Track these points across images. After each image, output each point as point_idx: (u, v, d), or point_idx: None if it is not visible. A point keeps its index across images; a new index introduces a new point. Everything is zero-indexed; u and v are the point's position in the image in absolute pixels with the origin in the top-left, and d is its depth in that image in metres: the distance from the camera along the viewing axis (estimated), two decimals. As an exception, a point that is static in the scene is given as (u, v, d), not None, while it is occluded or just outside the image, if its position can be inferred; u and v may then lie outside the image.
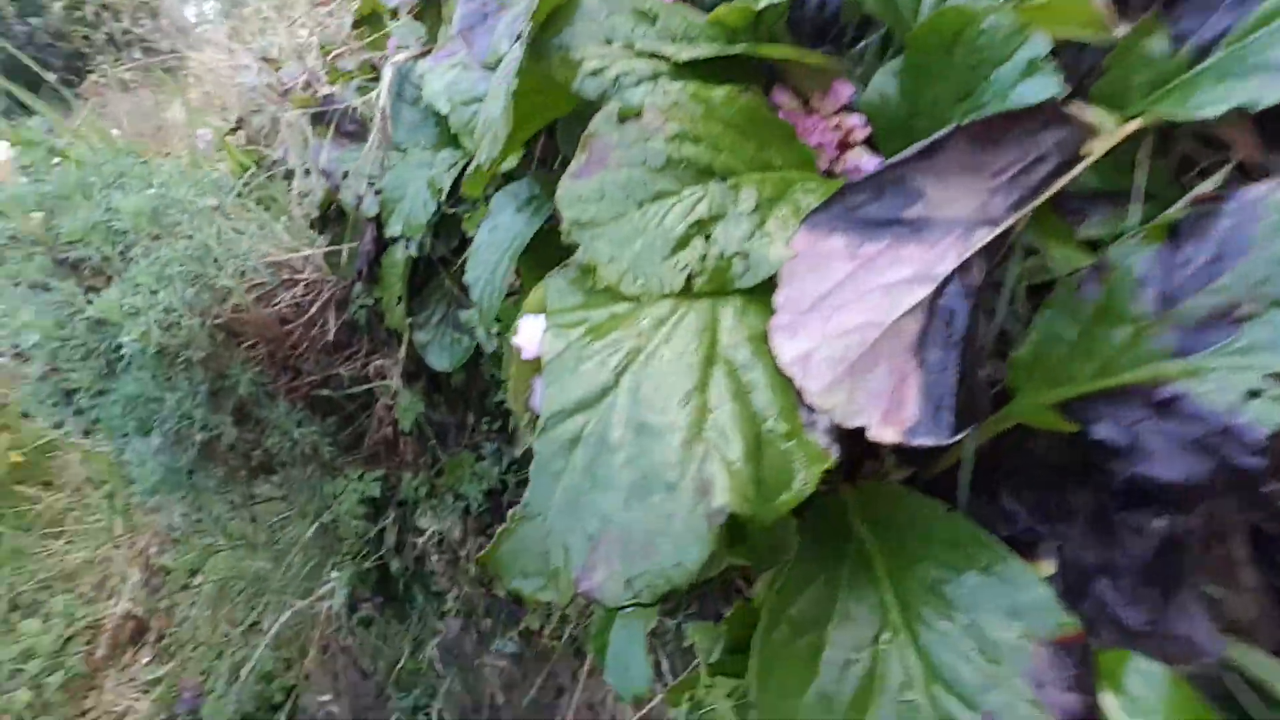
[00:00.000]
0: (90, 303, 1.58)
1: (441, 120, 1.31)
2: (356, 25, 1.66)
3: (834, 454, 0.45)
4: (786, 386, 0.48)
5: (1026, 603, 0.46)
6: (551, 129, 0.92)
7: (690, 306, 0.53)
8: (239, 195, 1.80)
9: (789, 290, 0.50)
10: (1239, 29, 0.48)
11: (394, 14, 1.53)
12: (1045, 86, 0.49)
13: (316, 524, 2.07)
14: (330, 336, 1.85)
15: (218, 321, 1.59)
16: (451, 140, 1.30)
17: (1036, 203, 0.46)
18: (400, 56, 1.40)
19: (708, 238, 0.54)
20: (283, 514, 2.15)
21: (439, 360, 1.68)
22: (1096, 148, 0.48)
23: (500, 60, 0.72)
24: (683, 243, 0.54)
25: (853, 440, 0.46)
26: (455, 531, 1.82)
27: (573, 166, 0.56)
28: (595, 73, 0.59)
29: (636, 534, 0.43)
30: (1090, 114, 0.48)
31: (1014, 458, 0.53)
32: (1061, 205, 0.54)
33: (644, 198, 0.55)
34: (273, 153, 1.98)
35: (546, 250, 0.83)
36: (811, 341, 0.48)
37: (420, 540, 1.96)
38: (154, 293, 1.55)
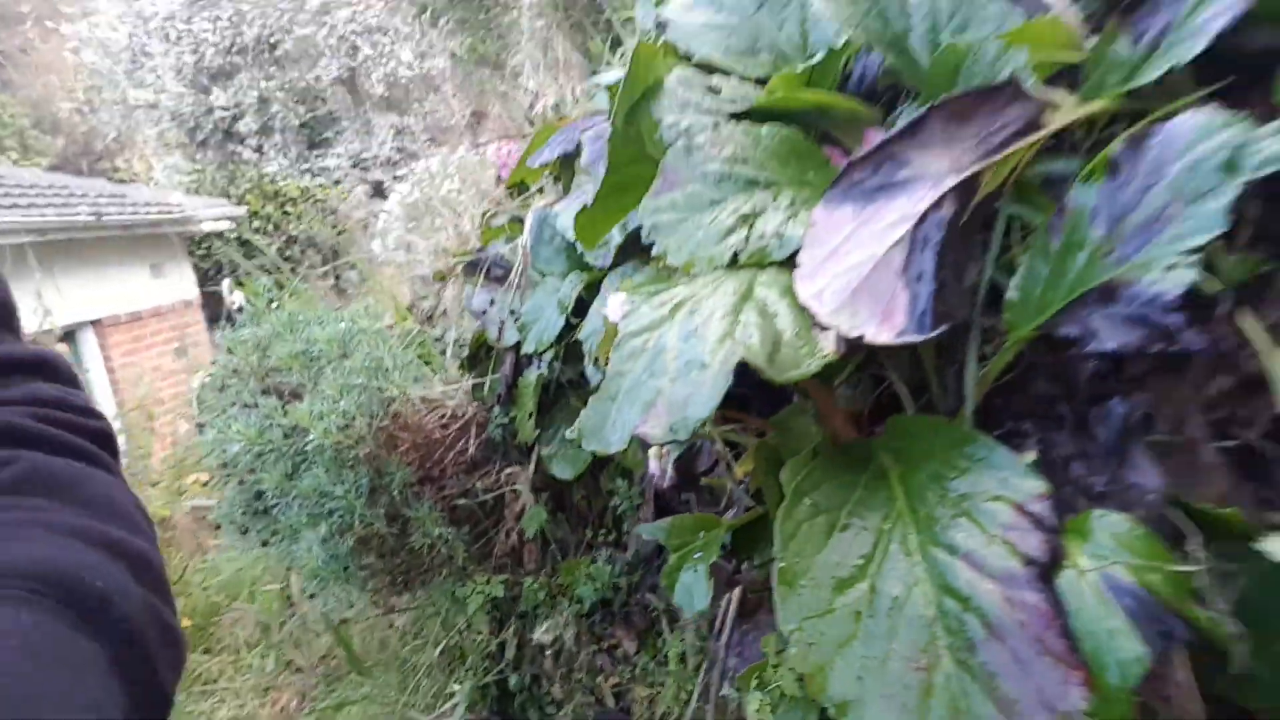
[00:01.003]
0: (285, 414, 1.90)
1: (571, 249, 1.56)
2: (509, 189, 2.01)
3: (836, 349, 0.56)
4: (804, 316, 0.61)
5: (1008, 479, 0.53)
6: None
7: (734, 274, 0.67)
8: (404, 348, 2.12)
9: (809, 251, 0.64)
10: (1178, 18, 0.60)
11: (538, 173, 1.87)
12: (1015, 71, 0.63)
13: (446, 637, 2.19)
14: (470, 452, 2.07)
15: (382, 425, 1.85)
16: (580, 264, 1.54)
17: (1000, 153, 0.59)
18: (540, 204, 1.70)
19: (751, 226, 0.69)
20: (417, 624, 2.29)
21: (562, 470, 1.84)
22: (1056, 120, 0.60)
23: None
24: (731, 231, 0.69)
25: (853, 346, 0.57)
26: (569, 637, 1.88)
27: (652, 189, 0.74)
28: (671, 125, 0.79)
29: (678, 398, 0.55)
30: (1050, 93, 0.61)
31: (1015, 390, 0.61)
32: (1049, 188, 0.65)
33: (703, 205, 0.72)
34: (434, 329, 2.33)
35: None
36: (825, 280, 0.61)
37: (537, 654, 2.02)
38: (336, 401, 1.84)
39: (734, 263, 0.68)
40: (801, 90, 0.80)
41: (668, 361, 0.58)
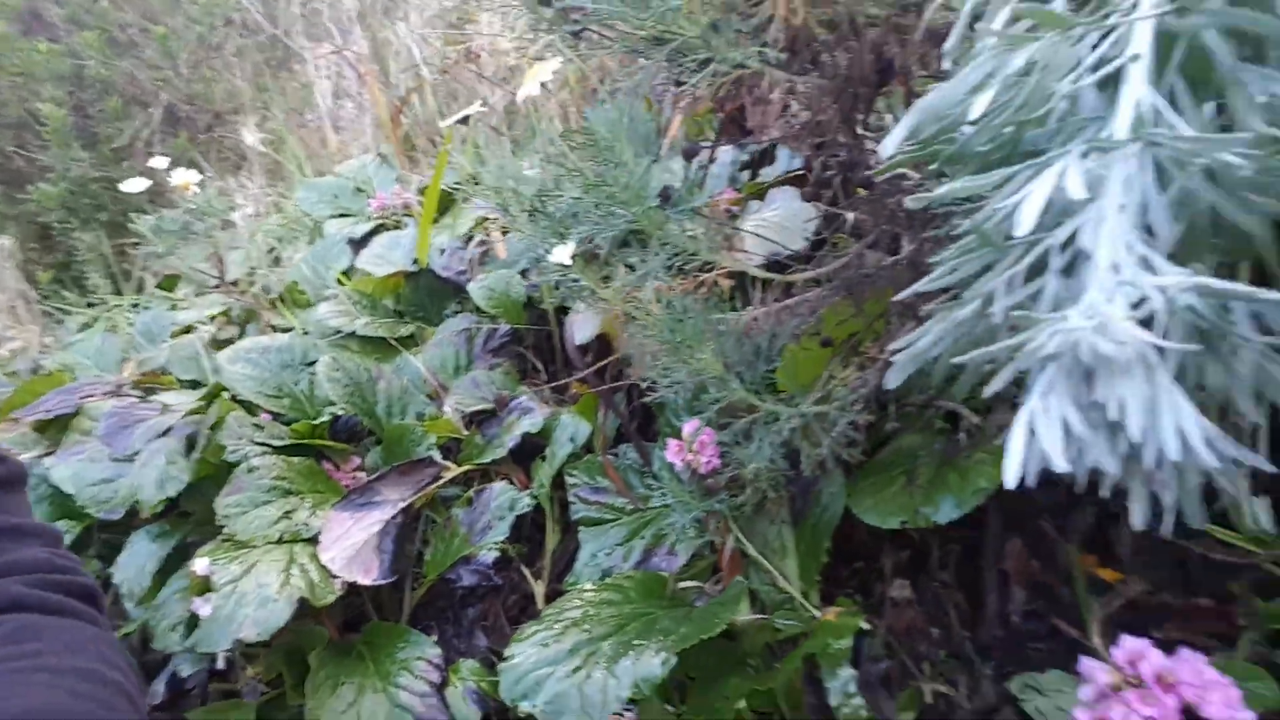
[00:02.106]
0: None
1: (65, 498, 1.74)
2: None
3: (338, 588, 1.13)
4: (324, 571, 1.16)
5: (424, 648, 1.15)
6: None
7: (280, 546, 1.19)
8: None
9: (326, 535, 1.20)
10: (500, 430, 1.38)
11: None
12: (430, 448, 1.32)
13: None
14: None
15: None
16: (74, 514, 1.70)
17: (422, 490, 1.26)
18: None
19: (290, 517, 1.22)
20: None
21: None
22: (448, 474, 1.31)
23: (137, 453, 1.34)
24: (277, 521, 1.21)
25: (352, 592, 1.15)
26: None
27: (225, 491, 1.22)
28: (233, 450, 1.28)
29: (261, 618, 1.04)
30: (445, 462, 1.32)
31: (428, 604, 1.25)
32: (444, 504, 1.35)
33: (259, 503, 1.22)
34: None
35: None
36: (336, 551, 1.17)
37: None
38: None
39: (279, 540, 1.19)
40: (313, 436, 1.38)
41: (250, 598, 1.06)
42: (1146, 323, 0.36)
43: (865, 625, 0.98)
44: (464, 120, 2.07)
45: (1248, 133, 0.43)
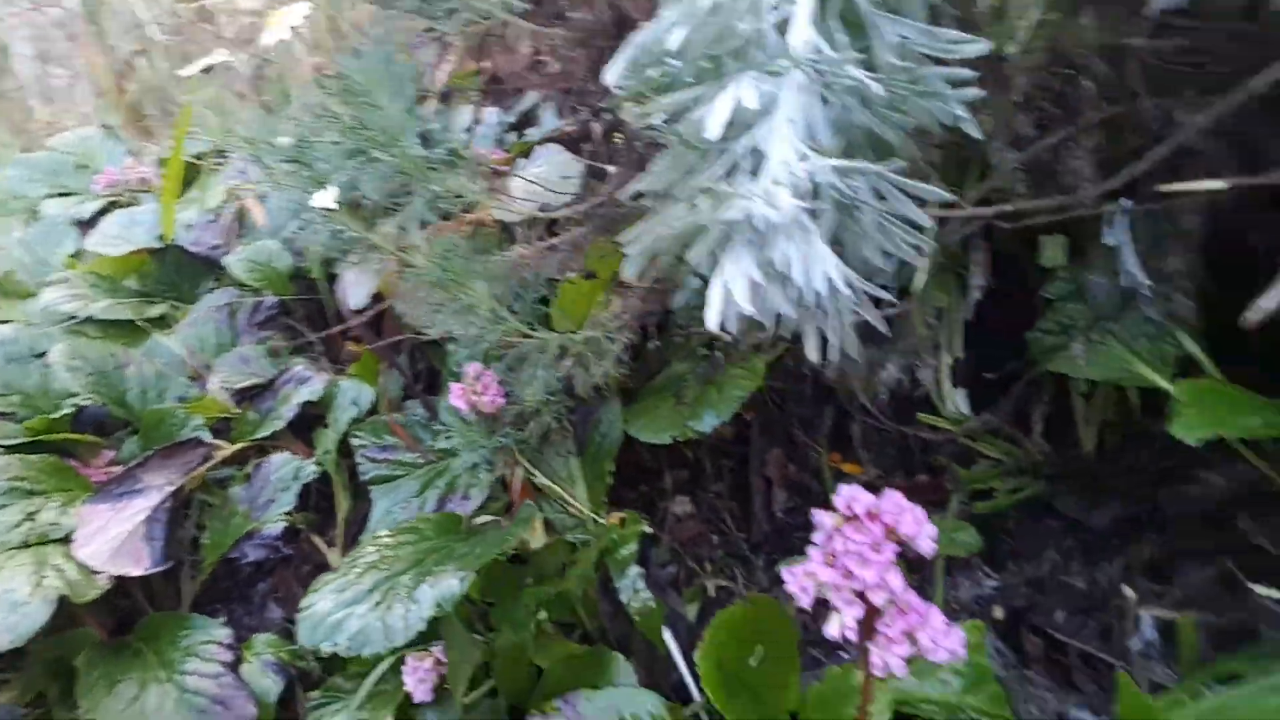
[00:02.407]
0: None
1: None
2: None
3: (103, 583, 1.05)
4: (84, 569, 1.07)
5: (211, 631, 1.10)
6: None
7: (26, 551, 1.08)
8: None
9: (82, 530, 1.10)
10: (274, 405, 1.33)
11: None
12: (196, 429, 1.25)
13: None
14: None
15: None
16: None
17: (192, 473, 1.19)
18: None
19: (34, 519, 1.11)
20: None
21: None
22: (220, 455, 1.24)
23: None
24: (18, 525, 1.10)
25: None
26: None
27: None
28: (-48, 454, 1.13)
29: (12, 623, 0.94)
30: (217, 440, 1.25)
31: (213, 586, 1.19)
32: (219, 485, 1.28)
33: None
34: None
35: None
36: (95, 546, 1.08)
37: None
38: None
39: (25, 545, 1.08)
40: (53, 431, 1.25)
41: None
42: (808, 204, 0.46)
43: (648, 529, 1.09)
44: (206, 71, 1.90)
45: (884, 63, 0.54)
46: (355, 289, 1.38)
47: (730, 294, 0.46)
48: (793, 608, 0.91)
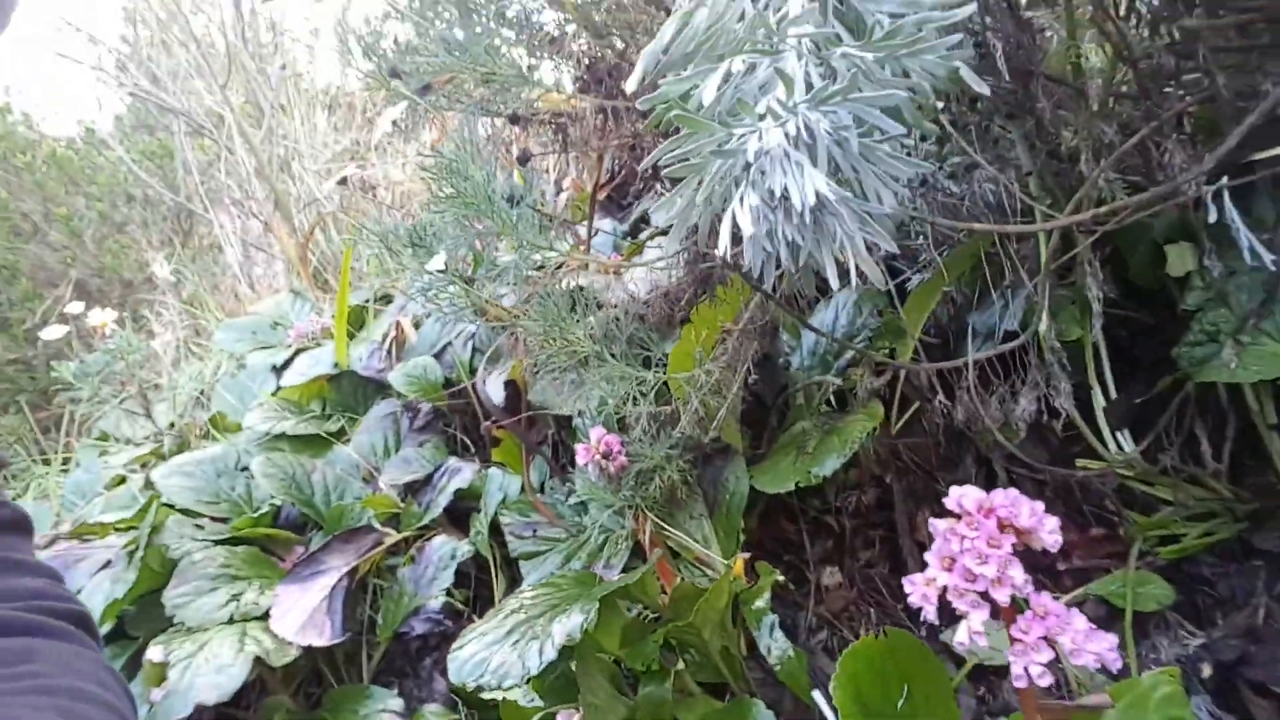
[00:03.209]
0: None
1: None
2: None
3: (294, 652, 1.17)
4: (278, 640, 1.20)
5: (388, 701, 1.19)
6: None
7: (231, 626, 1.23)
8: None
9: (277, 608, 1.25)
10: (433, 496, 1.46)
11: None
12: (369, 520, 1.39)
13: None
14: None
15: None
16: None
17: (366, 555, 1.32)
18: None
19: (239, 600, 1.27)
20: None
21: None
22: (389, 540, 1.37)
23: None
24: (225, 604, 1.26)
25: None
26: None
27: (170, 585, 1.26)
28: (175, 548, 1.33)
29: (219, 682, 1.07)
30: (386, 529, 1.39)
31: (390, 661, 1.30)
32: (390, 571, 1.41)
33: (205, 591, 1.27)
34: None
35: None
36: (289, 619, 1.22)
37: None
38: None
39: (230, 620, 1.24)
40: (255, 527, 1.44)
41: (205, 668, 1.10)
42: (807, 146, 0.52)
43: (786, 583, 1.08)
44: (343, 182, 2.22)
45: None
46: (494, 385, 1.52)
47: (737, 224, 0.51)
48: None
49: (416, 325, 1.92)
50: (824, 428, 1.27)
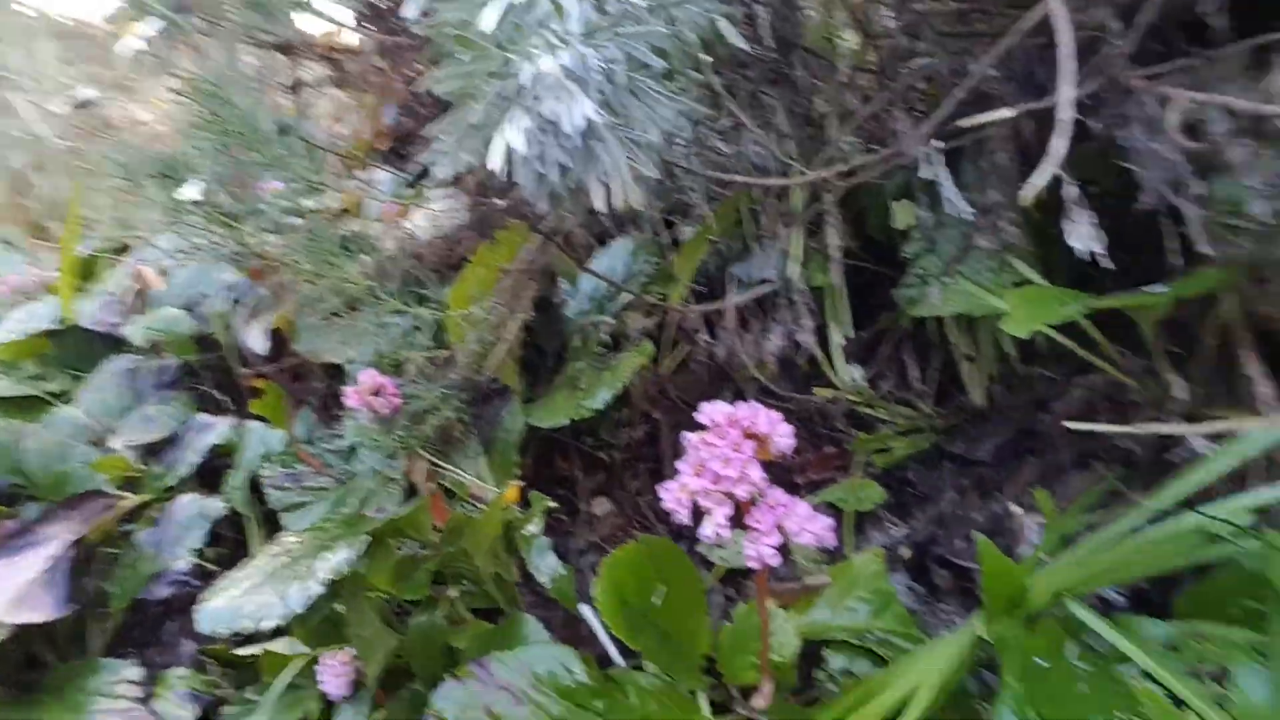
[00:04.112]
0: None
1: None
2: None
3: (2, 635, 1.02)
4: None
5: (118, 670, 1.07)
6: None
7: None
8: None
9: None
10: (180, 457, 1.33)
11: None
12: (98, 485, 1.24)
13: None
14: None
15: None
16: None
17: (95, 522, 1.18)
18: None
19: None
20: None
21: None
22: (124, 505, 1.23)
23: None
24: None
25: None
26: None
27: None
28: None
29: None
30: (122, 493, 1.25)
31: (129, 632, 1.17)
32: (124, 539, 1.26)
33: None
34: None
35: None
36: None
37: None
38: None
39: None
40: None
41: None
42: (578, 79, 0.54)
43: (552, 504, 1.11)
44: (83, 106, 1.94)
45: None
46: (255, 334, 1.41)
47: (511, 147, 0.53)
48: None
49: (163, 274, 1.72)
50: (598, 367, 1.31)
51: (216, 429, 1.35)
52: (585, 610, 1.07)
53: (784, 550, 0.80)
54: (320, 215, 0.94)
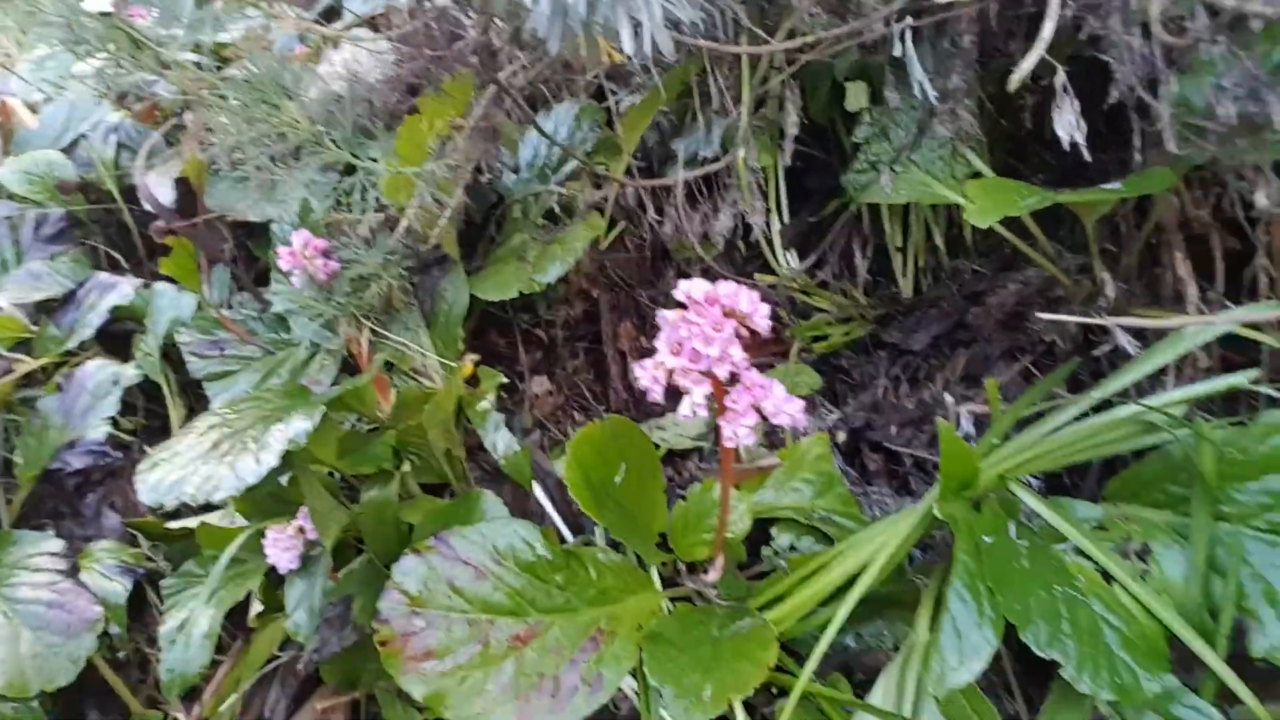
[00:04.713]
0: None
1: None
2: None
3: None
4: None
5: (39, 543, 1.01)
6: None
7: None
8: None
9: None
10: (79, 317, 1.21)
11: None
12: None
13: None
14: None
15: None
16: None
17: None
18: None
19: None
20: None
21: None
22: (20, 369, 1.12)
23: None
24: None
25: None
26: None
27: None
28: None
29: None
30: (15, 356, 1.13)
31: (33, 503, 1.09)
32: (27, 404, 1.16)
33: None
34: None
35: None
36: None
37: None
38: None
39: None
40: None
41: None
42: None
43: (503, 379, 1.09)
44: None
45: None
46: (161, 186, 1.27)
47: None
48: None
49: (33, 110, 1.50)
50: (544, 239, 1.25)
51: (119, 289, 1.23)
52: (536, 488, 1.07)
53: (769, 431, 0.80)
54: (252, 39, 0.82)
